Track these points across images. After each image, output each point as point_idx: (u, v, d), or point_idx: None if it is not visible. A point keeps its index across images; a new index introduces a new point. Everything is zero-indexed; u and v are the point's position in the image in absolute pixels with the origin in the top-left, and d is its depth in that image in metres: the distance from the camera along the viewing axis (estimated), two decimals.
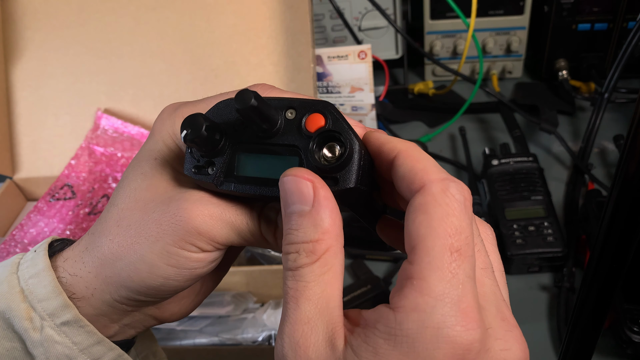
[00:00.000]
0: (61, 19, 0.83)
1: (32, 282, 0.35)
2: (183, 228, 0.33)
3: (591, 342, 0.45)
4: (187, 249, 0.34)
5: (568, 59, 1.01)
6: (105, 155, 0.81)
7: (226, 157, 0.34)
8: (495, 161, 0.84)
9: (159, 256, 0.34)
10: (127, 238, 0.34)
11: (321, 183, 0.30)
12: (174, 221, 0.33)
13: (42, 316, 0.34)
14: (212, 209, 0.34)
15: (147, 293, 0.35)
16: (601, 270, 0.40)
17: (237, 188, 0.33)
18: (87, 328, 0.35)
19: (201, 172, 0.34)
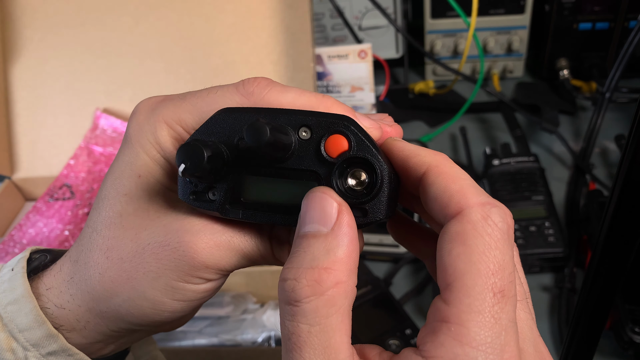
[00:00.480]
0: (60, 18, 0.82)
1: (11, 309, 0.31)
2: (188, 263, 0.29)
3: (592, 342, 0.45)
4: (194, 282, 0.31)
5: (569, 59, 1.01)
6: (104, 155, 0.81)
7: (230, 181, 0.29)
8: (496, 161, 0.84)
9: (162, 292, 0.31)
10: (121, 273, 0.31)
11: (347, 209, 0.26)
12: (177, 256, 0.30)
13: (25, 347, 0.31)
14: (218, 238, 0.30)
15: (150, 324, 0.32)
16: (602, 270, 0.40)
17: (246, 216, 0.29)
18: (77, 356, 0.32)
19: (201, 199, 0.30)
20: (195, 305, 0.32)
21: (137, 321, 0.32)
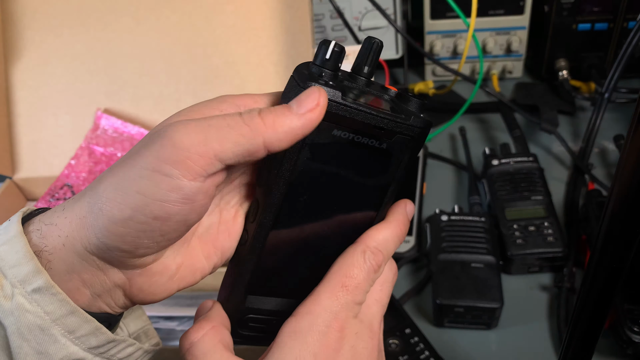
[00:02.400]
0: (61, 18, 0.83)
1: (3, 249, 0.32)
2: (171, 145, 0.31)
3: (591, 342, 0.45)
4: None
5: (568, 59, 1.01)
6: (105, 155, 0.81)
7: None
8: (496, 161, 0.84)
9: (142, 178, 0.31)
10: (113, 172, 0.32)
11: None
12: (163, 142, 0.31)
13: (12, 283, 0.32)
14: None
15: (124, 232, 0.32)
16: (601, 270, 0.40)
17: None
18: (59, 296, 0.33)
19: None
20: (176, 207, 0.31)
21: (111, 221, 0.31)
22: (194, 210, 0.32)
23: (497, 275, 0.70)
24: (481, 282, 0.69)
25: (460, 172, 0.93)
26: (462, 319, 0.70)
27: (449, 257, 0.72)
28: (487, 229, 0.75)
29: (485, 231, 0.74)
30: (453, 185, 0.91)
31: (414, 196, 0.85)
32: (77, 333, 0.34)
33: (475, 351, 0.69)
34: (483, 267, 0.71)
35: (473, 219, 0.76)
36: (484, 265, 0.71)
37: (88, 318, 0.34)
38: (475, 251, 0.72)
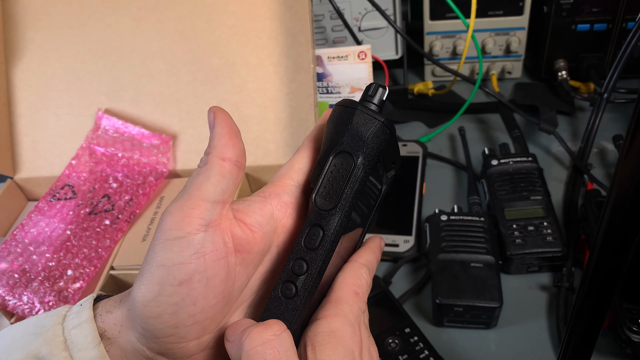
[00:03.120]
0: (62, 19, 0.83)
1: (75, 332, 0.35)
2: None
3: (590, 341, 0.45)
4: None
5: (567, 59, 1.01)
6: (106, 156, 0.81)
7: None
8: (495, 161, 0.84)
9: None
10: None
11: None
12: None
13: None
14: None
15: (159, 311, 0.34)
16: (600, 270, 0.40)
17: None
18: None
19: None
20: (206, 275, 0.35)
21: (148, 310, 0.34)
22: (209, 265, 0.34)
23: (496, 275, 0.70)
24: (480, 281, 0.69)
25: (459, 172, 0.93)
26: (461, 319, 0.70)
27: (449, 256, 0.72)
28: (487, 229, 0.75)
29: (485, 231, 0.75)
30: (452, 185, 0.91)
31: (414, 196, 0.86)
32: None
33: (474, 350, 0.69)
34: (482, 267, 0.71)
35: (472, 219, 0.76)
36: (483, 265, 0.71)
37: None
38: (474, 251, 0.72)
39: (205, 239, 0.34)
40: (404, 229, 0.81)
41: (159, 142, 0.81)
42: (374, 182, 0.38)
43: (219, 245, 0.35)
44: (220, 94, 0.81)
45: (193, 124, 0.82)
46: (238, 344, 0.33)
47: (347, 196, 0.36)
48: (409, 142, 0.95)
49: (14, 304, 0.67)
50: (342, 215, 0.36)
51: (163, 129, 0.83)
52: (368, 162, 0.36)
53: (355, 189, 0.36)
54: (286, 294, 0.36)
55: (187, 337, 0.35)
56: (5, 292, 0.68)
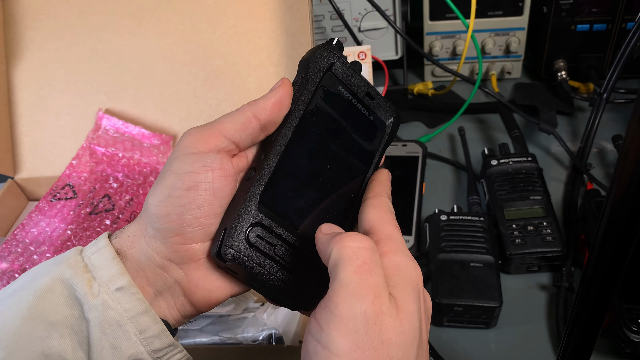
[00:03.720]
0: (62, 19, 0.83)
1: (94, 257, 0.39)
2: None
3: (590, 341, 0.45)
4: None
5: (567, 60, 1.01)
6: (106, 156, 0.81)
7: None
8: (494, 161, 0.84)
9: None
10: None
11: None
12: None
13: (100, 283, 0.38)
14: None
15: (168, 211, 0.38)
16: (600, 269, 0.40)
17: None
18: (137, 295, 0.39)
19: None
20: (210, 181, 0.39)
21: (160, 203, 0.39)
22: (216, 179, 0.39)
23: (496, 275, 0.70)
24: (480, 281, 0.70)
25: (459, 172, 0.93)
26: (461, 318, 0.70)
27: (448, 256, 0.73)
28: (486, 229, 0.75)
29: (484, 231, 0.75)
30: (452, 185, 0.91)
31: (414, 196, 0.86)
32: (146, 333, 0.39)
33: (474, 350, 0.69)
34: (482, 267, 0.71)
35: (472, 219, 0.76)
36: (483, 265, 0.71)
37: (157, 319, 0.40)
38: (474, 251, 0.72)
39: (215, 158, 0.39)
40: (403, 229, 0.82)
41: (160, 142, 0.81)
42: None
43: (227, 166, 0.40)
44: (220, 94, 0.81)
45: (193, 124, 0.81)
46: (337, 239, 0.35)
47: (290, 110, 0.42)
48: (409, 142, 0.95)
49: None
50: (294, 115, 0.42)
51: (163, 129, 0.83)
52: (309, 77, 0.43)
53: (302, 100, 0.42)
54: (246, 177, 0.42)
55: (192, 239, 0.39)
56: None
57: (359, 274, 0.33)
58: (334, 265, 0.34)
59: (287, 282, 0.39)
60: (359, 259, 0.33)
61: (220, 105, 0.81)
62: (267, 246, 0.39)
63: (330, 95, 0.43)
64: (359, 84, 0.44)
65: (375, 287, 0.33)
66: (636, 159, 0.34)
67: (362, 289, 0.32)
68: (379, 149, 0.45)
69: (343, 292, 0.32)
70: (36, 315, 0.37)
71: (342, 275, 0.33)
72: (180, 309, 0.42)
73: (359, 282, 0.33)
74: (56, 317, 0.37)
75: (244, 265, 0.38)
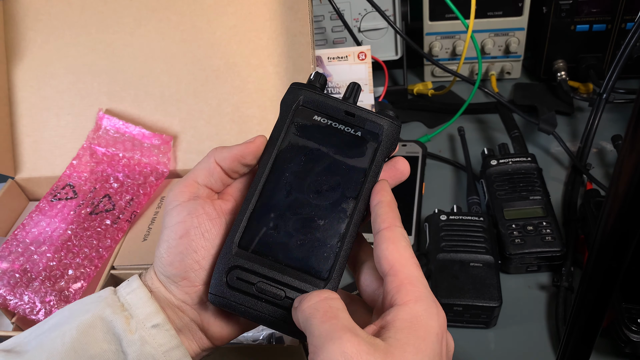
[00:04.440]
0: (63, 20, 0.83)
1: (130, 297, 0.43)
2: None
3: (589, 341, 0.46)
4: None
5: (566, 60, 1.01)
6: (106, 156, 0.81)
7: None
8: (494, 161, 0.85)
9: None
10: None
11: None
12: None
13: (137, 320, 0.42)
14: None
15: (170, 260, 0.43)
16: (599, 269, 0.40)
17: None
18: (171, 332, 0.43)
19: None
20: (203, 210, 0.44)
21: (166, 244, 0.43)
22: (202, 222, 0.43)
23: (495, 275, 0.70)
24: (480, 281, 0.70)
25: (459, 172, 0.93)
26: (460, 318, 0.70)
27: (448, 256, 0.73)
28: (486, 229, 0.75)
29: (484, 231, 0.75)
30: (452, 185, 0.92)
31: (414, 196, 0.86)
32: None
33: (474, 350, 0.69)
34: (482, 267, 0.71)
35: (472, 219, 0.76)
36: (482, 265, 0.71)
37: (186, 353, 0.43)
38: (474, 250, 0.73)
39: (197, 204, 0.44)
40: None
41: (160, 142, 0.82)
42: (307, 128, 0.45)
43: (209, 209, 0.44)
44: (220, 95, 0.81)
45: (194, 124, 0.82)
46: (297, 308, 0.38)
47: (267, 146, 0.45)
48: (409, 142, 0.95)
49: (15, 304, 0.67)
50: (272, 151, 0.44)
51: (164, 129, 0.83)
52: (281, 116, 0.45)
53: (273, 138, 0.45)
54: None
55: (198, 280, 0.43)
56: (7, 292, 0.68)
57: (326, 321, 0.35)
58: (304, 328, 0.36)
59: (276, 315, 0.41)
60: (319, 311, 0.35)
61: (221, 105, 0.81)
62: (247, 285, 0.41)
63: (305, 128, 0.45)
64: (335, 106, 0.45)
65: (347, 326, 0.34)
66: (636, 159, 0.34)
67: (334, 332, 0.33)
68: (373, 163, 0.44)
69: (317, 341, 0.34)
70: (79, 349, 0.41)
71: (312, 329, 0.35)
72: (199, 342, 0.45)
73: (329, 327, 0.34)
74: (96, 350, 0.41)
75: (230, 307, 0.42)
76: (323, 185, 0.43)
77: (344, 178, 0.44)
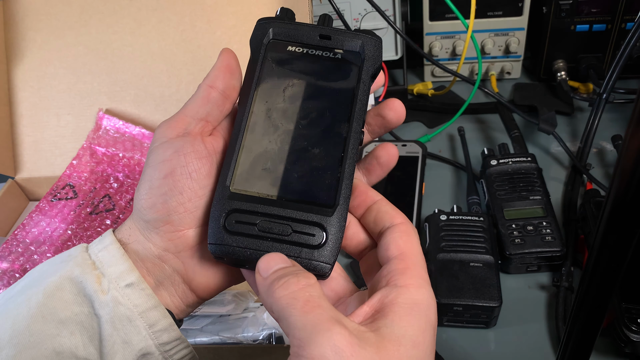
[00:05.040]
0: (63, 20, 0.83)
1: (102, 254, 0.40)
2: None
3: (589, 341, 0.45)
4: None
5: (566, 60, 1.01)
6: (106, 156, 0.82)
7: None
8: (494, 161, 0.85)
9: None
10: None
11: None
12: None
13: (110, 280, 0.39)
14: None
15: (153, 201, 0.40)
16: (599, 269, 0.40)
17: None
18: (147, 291, 0.40)
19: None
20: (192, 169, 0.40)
21: (147, 194, 0.40)
22: (189, 162, 0.39)
23: (495, 275, 0.70)
24: (480, 281, 0.70)
25: (459, 172, 0.93)
26: (460, 318, 0.70)
27: (448, 256, 0.73)
28: (486, 229, 0.75)
29: (484, 231, 0.75)
30: (452, 185, 0.92)
31: (414, 196, 0.86)
32: (155, 327, 0.40)
33: (473, 350, 0.69)
34: (482, 267, 0.71)
35: (472, 219, 0.76)
36: (482, 265, 0.71)
37: (166, 314, 0.40)
38: (474, 250, 0.73)
39: (185, 142, 0.40)
40: None
41: None
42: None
43: (199, 147, 0.40)
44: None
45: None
46: (269, 292, 0.34)
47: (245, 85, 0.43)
48: (409, 142, 0.95)
49: None
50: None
51: None
52: (253, 54, 0.43)
53: (250, 75, 0.42)
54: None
55: (182, 224, 0.40)
56: None
57: (309, 312, 0.32)
58: (278, 317, 0.33)
59: (284, 252, 0.38)
60: (298, 300, 0.32)
61: None
62: (248, 227, 0.38)
63: (280, 61, 0.42)
64: (308, 32, 0.43)
65: (334, 317, 0.31)
66: (636, 159, 0.34)
67: (321, 324, 0.31)
68: (360, 81, 0.42)
69: (301, 334, 0.31)
70: (46, 313, 0.38)
71: (293, 321, 0.32)
72: (182, 296, 0.42)
73: (314, 319, 0.31)
74: (66, 314, 0.38)
75: (234, 255, 0.38)
76: (311, 114, 0.41)
77: (332, 102, 0.41)
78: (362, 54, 0.43)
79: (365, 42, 0.43)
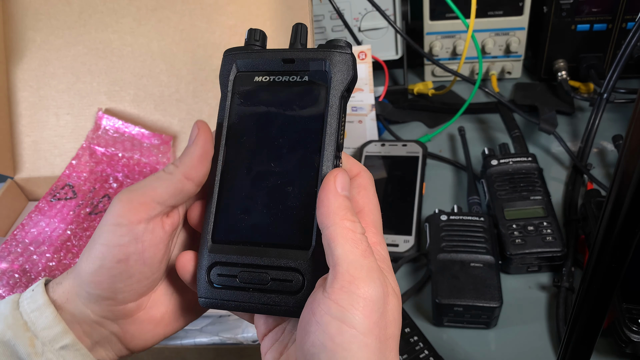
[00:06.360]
0: (62, 19, 0.83)
1: (34, 315, 0.39)
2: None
3: (590, 341, 0.45)
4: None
5: (567, 60, 1.01)
6: (106, 156, 0.81)
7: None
8: (495, 161, 0.84)
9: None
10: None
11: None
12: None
13: (44, 342, 0.39)
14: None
15: (100, 280, 0.39)
16: (600, 269, 0.40)
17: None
18: (82, 351, 0.40)
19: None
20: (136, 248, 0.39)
21: (90, 268, 0.39)
22: (146, 249, 0.39)
23: (496, 275, 0.70)
24: (480, 281, 0.69)
25: (459, 172, 0.93)
26: (461, 318, 0.70)
27: (448, 256, 0.73)
28: (486, 229, 0.75)
29: (485, 231, 0.75)
30: (452, 185, 0.91)
31: (414, 196, 0.86)
32: None
33: (474, 350, 0.69)
34: (482, 267, 0.71)
35: (472, 219, 0.76)
36: (483, 265, 0.71)
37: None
38: (474, 251, 0.72)
39: (146, 229, 0.39)
40: (403, 229, 0.82)
41: (159, 142, 0.81)
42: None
43: (158, 234, 0.39)
44: (219, 94, 0.81)
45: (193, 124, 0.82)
46: (335, 219, 0.35)
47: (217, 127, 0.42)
48: (409, 142, 0.95)
49: None
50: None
51: (163, 129, 0.83)
52: (222, 92, 0.42)
53: (221, 115, 0.42)
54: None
55: (125, 300, 0.40)
56: (6, 292, 0.68)
57: (366, 258, 0.34)
58: (332, 241, 0.35)
59: (268, 301, 0.38)
60: (361, 245, 0.35)
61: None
62: (230, 279, 0.39)
63: (248, 94, 0.41)
64: (271, 58, 0.41)
65: (380, 271, 0.35)
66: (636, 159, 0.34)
67: (374, 272, 0.34)
68: (328, 105, 0.39)
69: (359, 274, 0.33)
70: None
71: (352, 258, 0.34)
72: (118, 353, 0.43)
73: (369, 265, 0.34)
74: None
75: (221, 307, 0.39)
76: (282, 150, 0.39)
77: (302, 134, 0.39)
78: (329, 72, 0.40)
79: (331, 59, 0.40)
